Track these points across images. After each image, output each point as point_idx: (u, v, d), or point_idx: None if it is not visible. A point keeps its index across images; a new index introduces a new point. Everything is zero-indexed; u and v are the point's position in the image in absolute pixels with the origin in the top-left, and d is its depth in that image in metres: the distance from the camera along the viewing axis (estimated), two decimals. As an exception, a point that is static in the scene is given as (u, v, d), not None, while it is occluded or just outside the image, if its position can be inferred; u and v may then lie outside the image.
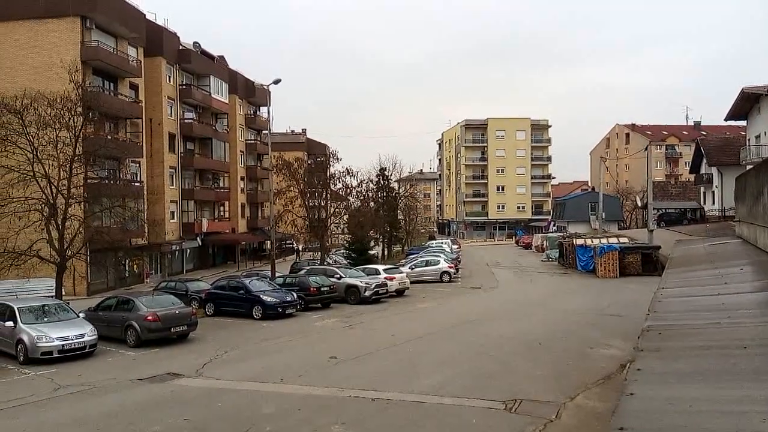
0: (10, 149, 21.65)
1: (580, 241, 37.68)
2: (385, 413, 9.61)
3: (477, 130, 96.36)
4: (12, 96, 22.79)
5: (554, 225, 72.95)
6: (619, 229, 58.89)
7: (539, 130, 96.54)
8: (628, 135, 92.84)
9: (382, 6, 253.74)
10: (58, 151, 21.68)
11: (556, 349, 14.34)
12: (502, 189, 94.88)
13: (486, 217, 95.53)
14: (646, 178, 40.92)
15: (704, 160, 48.53)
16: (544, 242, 53.20)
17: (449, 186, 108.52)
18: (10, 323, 15.86)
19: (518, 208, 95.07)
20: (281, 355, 15.28)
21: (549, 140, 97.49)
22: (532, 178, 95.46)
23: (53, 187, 21.67)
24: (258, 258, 57.73)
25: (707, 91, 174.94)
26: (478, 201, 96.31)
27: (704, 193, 52.08)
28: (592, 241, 36.35)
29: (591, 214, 59.06)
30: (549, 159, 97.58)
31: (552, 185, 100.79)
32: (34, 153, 21.38)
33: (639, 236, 39.54)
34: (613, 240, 36.06)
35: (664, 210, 53.49)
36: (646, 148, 41.10)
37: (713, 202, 47.40)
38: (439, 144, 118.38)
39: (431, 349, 14.86)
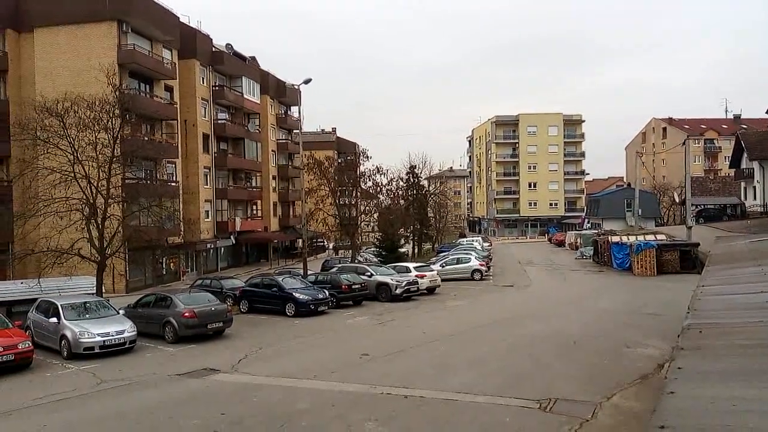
0: (52, 151, 22.32)
1: (615, 239, 36.95)
2: (418, 410, 9.61)
3: (508, 126, 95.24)
4: (53, 99, 23.55)
5: (588, 222, 71.69)
6: (656, 225, 57.54)
7: (572, 125, 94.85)
8: (665, 129, 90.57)
9: (406, 5, 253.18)
10: (98, 153, 22.27)
11: (591, 348, 14.10)
12: (534, 186, 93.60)
13: (517, 215, 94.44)
14: (684, 173, 39.83)
15: (745, 155, 46.96)
16: (578, 240, 52.31)
17: (480, 183, 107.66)
18: (54, 319, 16.39)
19: (551, 205, 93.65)
20: (314, 351, 15.44)
21: (582, 135, 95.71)
22: (565, 174, 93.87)
23: (93, 187, 22.26)
24: (290, 256, 58.38)
25: (732, 87, 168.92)
26: (510, 198, 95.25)
27: (745, 188, 50.43)
28: (628, 238, 35.61)
29: (627, 211, 57.87)
30: (582, 155, 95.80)
31: (586, 181, 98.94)
32: (75, 154, 22.00)
33: (677, 233, 38.54)
34: (650, 237, 35.23)
35: (703, 206, 52.09)
36: (684, 143, 39.90)
37: (755, 198, 45.86)
38: (470, 141, 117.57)
39: (463, 348, 14.79)
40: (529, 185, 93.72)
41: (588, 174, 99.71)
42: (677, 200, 62.89)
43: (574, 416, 8.90)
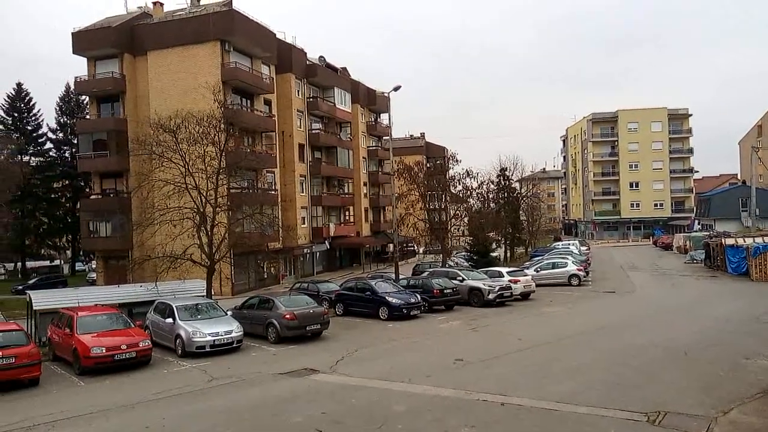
0: (166, 164, 24.26)
1: (730, 241, 34.33)
2: (515, 418, 9.45)
3: (605, 123, 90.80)
4: (166, 116, 25.57)
5: (698, 223, 66.91)
6: (777, 226, 52.52)
7: (677, 119, 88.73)
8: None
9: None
10: (206, 165, 23.92)
11: (704, 358, 13.16)
12: (636, 185, 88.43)
13: (618, 216, 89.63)
14: (810, 168, 36.09)
15: None
16: (687, 242, 48.98)
17: (575, 184, 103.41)
18: (169, 320, 17.71)
19: (655, 205, 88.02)
20: (408, 355, 15.60)
21: (689, 131, 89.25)
22: (670, 172, 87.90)
23: (203, 197, 23.91)
24: (381, 260, 59.21)
25: None
26: (609, 199, 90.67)
27: None
28: (745, 241, 32.99)
29: (742, 211, 53.55)
30: (690, 151, 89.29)
31: (695, 180, 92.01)
32: (186, 167, 23.71)
33: (803, 234, 35.00)
34: (770, 239, 32.38)
35: (833, 204, 46.98)
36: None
37: None
38: (564, 140, 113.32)
39: (562, 356, 14.31)
40: (631, 185, 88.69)
41: (697, 171, 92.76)
42: (802, 198, 56.94)
43: (687, 431, 8.37)
